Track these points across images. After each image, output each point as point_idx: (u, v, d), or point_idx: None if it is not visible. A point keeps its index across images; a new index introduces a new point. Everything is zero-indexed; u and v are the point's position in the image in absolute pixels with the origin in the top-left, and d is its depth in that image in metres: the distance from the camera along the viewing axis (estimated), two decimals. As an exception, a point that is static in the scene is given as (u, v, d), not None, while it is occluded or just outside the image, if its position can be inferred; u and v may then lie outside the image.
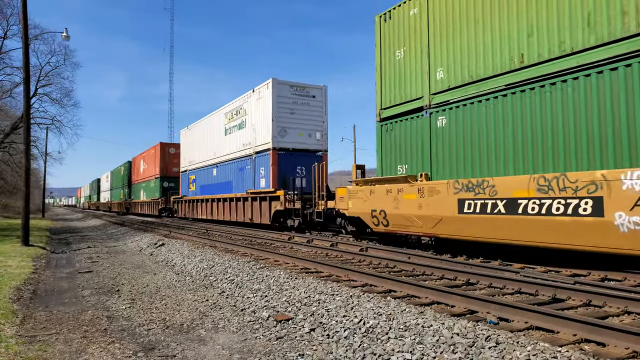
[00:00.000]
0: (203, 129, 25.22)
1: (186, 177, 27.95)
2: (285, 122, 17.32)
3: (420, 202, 9.63)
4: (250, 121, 19.07)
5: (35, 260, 10.85)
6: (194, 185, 26.28)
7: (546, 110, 7.62)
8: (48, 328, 5.23)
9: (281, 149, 17.26)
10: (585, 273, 7.12)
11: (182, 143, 29.26)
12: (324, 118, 18.28)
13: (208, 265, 9.04)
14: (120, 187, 47.84)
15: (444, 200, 9.04)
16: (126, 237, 17.77)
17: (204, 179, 24.62)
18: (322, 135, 18.15)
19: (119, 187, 48.36)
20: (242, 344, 4.64)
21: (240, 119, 20.20)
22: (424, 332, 4.22)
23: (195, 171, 26.16)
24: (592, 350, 3.79)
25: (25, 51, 14.26)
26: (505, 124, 8.29)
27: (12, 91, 31.00)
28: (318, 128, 18.04)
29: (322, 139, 18.21)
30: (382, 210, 10.67)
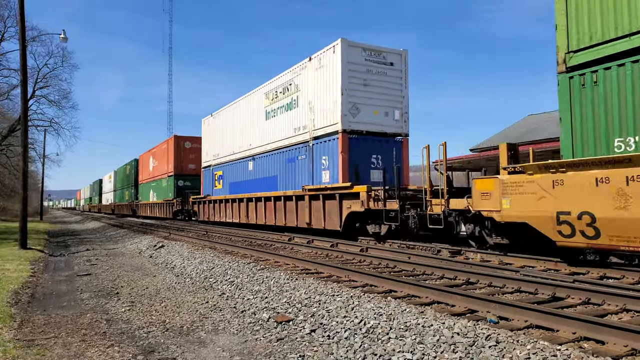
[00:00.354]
0: (233, 116, 21.46)
1: (209, 173, 24.06)
2: (357, 96, 13.42)
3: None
4: (305, 98, 15.12)
5: (33, 263, 10.81)
6: (220, 182, 22.53)
7: None
8: (46, 332, 5.21)
9: (353, 132, 13.37)
10: (584, 271, 7.14)
11: (204, 134, 25.19)
12: (404, 92, 14.29)
13: (208, 267, 9.03)
14: (125, 187, 45.04)
15: None
16: (125, 240, 17.73)
17: (234, 175, 20.92)
18: (401, 114, 14.20)
19: (124, 188, 45.50)
20: (243, 345, 4.63)
21: (290, 97, 16.17)
22: (425, 331, 4.22)
23: (222, 166, 22.31)
24: (591, 348, 3.79)
25: (22, 53, 14.22)
26: None
27: (9, 93, 30.94)
28: (397, 105, 14.13)
29: (401, 119, 14.22)
30: (583, 212, 6.78)
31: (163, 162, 31.51)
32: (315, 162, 14.61)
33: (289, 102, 16.28)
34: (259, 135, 18.58)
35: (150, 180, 35.27)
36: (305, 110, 15.21)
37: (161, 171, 31.98)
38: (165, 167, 30.76)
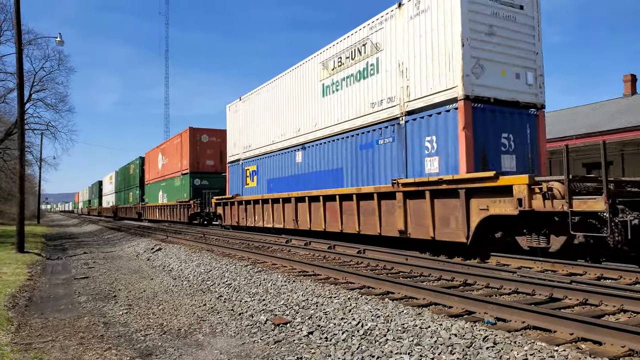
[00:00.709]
0: (271, 97, 16.99)
1: (238, 169, 19.94)
2: (481, 49, 9.52)
3: None
4: (391, 60, 11.12)
5: (30, 267, 10.77)
6: (254, 179, 18.48)
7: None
8: (44, 335, 5.20)
9: (477, 100, 9.34)
10: (582, 272, 7.16)
11: (230, 124, 20.92)
12: (537, 46, 10.36)
13: (205, 270, 9.01)
14: (129, 188, 41.38)
15: None
16: (122, 242, 17.68)
17: (274, 170, 16.77)
18: (535, 76, 10.30)
19: (128, 189, 41.82)
20: (240, 348, 4.62)
21: (363, 61, 12.11)
22: (422, 333, 4.22)
23: (257, 160, 18.20)
24: (588, 349, 3.80)
25: (18, 56, 14.21)
26: None
27: (5, 97, 30.88)
28: (529, 64, 10.21)
29: (535, 83, 10.29)
30: None
31: (175, 158, 28.11)
32: (411, 147, 10.47)
33: (363, 69, 12.17)
34: (312, 118, 14.31)
35: (160, 179, 31.80)
36: (391, 76, 11.13)
37: (173, 169, 28.46)
38: (179, 164, 27.31)
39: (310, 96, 14.60)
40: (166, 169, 30.39)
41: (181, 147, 27.09)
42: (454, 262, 8.36)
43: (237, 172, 20.19)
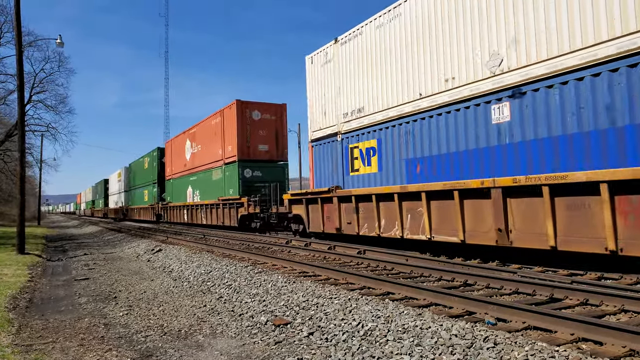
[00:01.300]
0: (414, 22, 10.18)
1: (334, 149, 13.15)
2: None
3: None
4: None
5: (31, 268, 10.78)
6: (371, 161, 11.62)
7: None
8: (44, 337, 5.20)
9: None
10: (582, 272, 7.15)
11: (314, 82, 14.18)
12: None
13: (205, 271, 9.01)
14: (143, 186, 35.47)
15: None
16: (123, 244, 17.69)
17: (430, 142, 9.78)
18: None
19: (142, 187, 35.73)
20: (241, 349, 4.62)
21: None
22: (423, 334, 4.22)
23: (380, 130, 11.33)
24: (589, 349, 3.80)
25: (19, 58, 14.22)
26: None
27: (6, 98, 30.93)
28: None
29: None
30: None
31: (214, 144, 22.02)
32: None
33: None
34: (533, 35, 7.65)
35: (188, 173, 25.65)
36: None
37: (210, 158, 22.46)
38: (219, 151, 21.28)
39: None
40: (198, 158, 24.09)
41: (222, 129, 20.82)
42: (454, 263, 8.36)
43: (330, 153, 13.34)
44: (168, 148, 30.46)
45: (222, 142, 21.01)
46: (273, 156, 20.36)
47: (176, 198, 28.05)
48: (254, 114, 20.05)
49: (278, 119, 20.53)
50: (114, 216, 47.20)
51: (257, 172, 19.70)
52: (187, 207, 25.80)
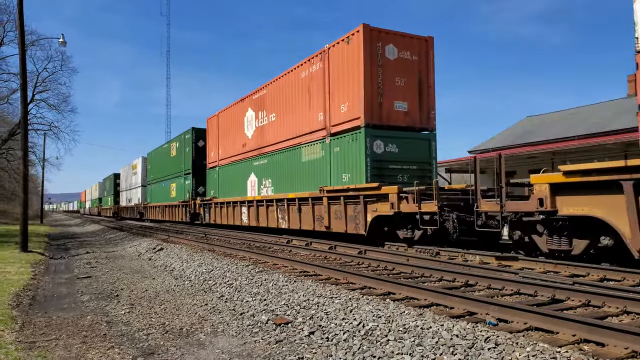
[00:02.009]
0: None
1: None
2: None
3: None
4: None
5: (34, 266, 10.82)
6: None
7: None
8: (47, 334, 5.22)
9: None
10: (584, 273, 7.14)
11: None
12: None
13: (207, 270, 9.03)
14: (169, 178, 28.55)
15: None
16: (125, 242, 17.73)
17: None
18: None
19: (168, 179, 28.78)
20: (242, 347, 4.63)
21: None
22: (423, 334, 4.22)
23: None
24: (591, 351, 3.79)
25: (22, 57, 14.27)
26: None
27: (9, 97, 31.05)
28: None
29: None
30: None
31: (302, 107, 14.41)
32: None
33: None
34: None
35: (250, 155, 18.17)
36: None
37: (295, 129, 14.83)
38: (318, 117, 13.58)
39: None
40: (271, 133, 16.52)
41: (326, 80, 13.08)
42: (455, 263, 8.35)
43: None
44: (212, 126, 22.54)
45: (326, 101, 12.91)
46: (415, 121, 12.32)
47: (226, 192, 20.46)
48: (389, 51, 12.16)
49: (422, 60, 12.60)
50: (128, 215, 40.80)
51: (391, 146, 11.89)
52: (247, 203, 17.65)
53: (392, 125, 12.13)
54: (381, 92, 11.94)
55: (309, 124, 14.16)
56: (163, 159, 30.51)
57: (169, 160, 29.03)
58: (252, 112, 18.41)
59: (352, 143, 12.11)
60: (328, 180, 13.15)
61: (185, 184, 25.66)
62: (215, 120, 22.32)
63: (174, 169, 27.90)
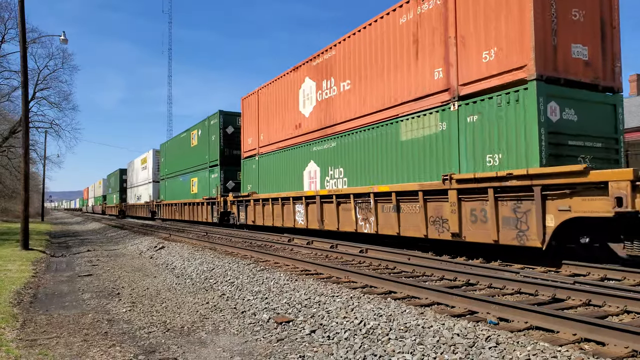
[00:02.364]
0: None
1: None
2: None
3: None
4: None
5: (35, 264, 10.84)
6: None
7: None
8: (48, 332, 5.23)
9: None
10: (585, 273, 7.14)
11: None
12: None
13: (208, 268, 9.04)
14: (188, 172, 25.11)
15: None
16: (126, 240, 17.76)
17: None
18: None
19: (187, 173, 25.35)
20: (243, 346, 4.64)
21: None
22: (425, 332, 4.23)
23: None
24: (592, 350, 3.80)
25: (23, 55, 14.27)
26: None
27: (10, 95, 31.05)
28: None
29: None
30: None
31: (398, 62, 10.61)
32: None
33: None
34: None
35: (308, 139, 14.28)
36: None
37: (386, 98, 10.96)
38: (433, 74, 9.62)
39: None
40: (342, 107, 12.66)
41: (450, 18, 9.26)
42: (456, 262, 8.36)
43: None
44: (249, 107, 18.31)
45: (451, 51, 9.24)
46: (598, 75, 8.59)
47: (269, 186, 16.62)
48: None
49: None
50: (137, 214, 37.62)
51: (568, 112, 8.16)
52: (305, 200, 13.78)
53: (570, 79, 8.17)
54: (555, 28, 8.09)
55: (415, 87, 10.13)
56: (181, 151, 26.79)
57: (188, 151, 25.35)
58: (311, 82, 13.98)
59: (507, 107, 8.13)
60: (452, 165, 9.11)
61: (210, 178, 21.95)
62: (253, 99, 18.07)
63: (195, 161, 24.23)
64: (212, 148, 22.03)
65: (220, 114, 21.37)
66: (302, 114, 14.62)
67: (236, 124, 21.40)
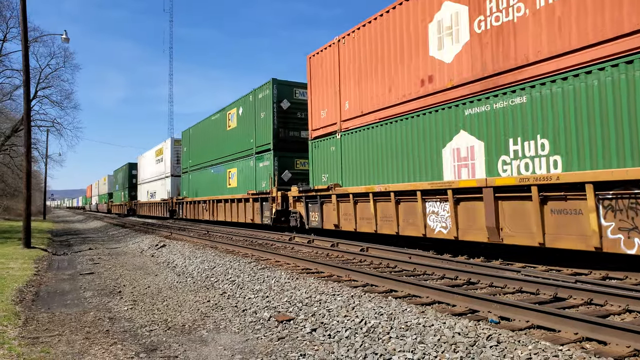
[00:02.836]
0: None
1: None
2: None
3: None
4: None
5: (37, 262, 10.87)
6: None
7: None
8: (50, 329, 5.25)
9: None
10: (587, 272, 7.13)
11: None
12: None
13: (209, 266, 9.06)
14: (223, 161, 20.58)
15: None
16: (127, 239, 17.79)
17: None
18: None
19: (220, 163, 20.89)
20: (244, 344, 4.65)
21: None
22: (425, 331, 4.22)
23: None
24: (593, 349, 3.79)
25: (25, 54, 14.29)
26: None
27: (12, 94, 31.12)
28: None
29: None
30: None
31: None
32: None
33: None
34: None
35: (458, 97, 8.90)
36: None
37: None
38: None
39: None
40: (541, 34, 7.44)
41: None
42: (457, 261, 8.35)
43: None
44: (321, 67, 13.49)
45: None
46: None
47: (360, 176, 11.72)
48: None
49: None
50: (151, 214, 32.65)
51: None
52: (453, 194, 8.87)
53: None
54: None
55: None
56: (212, 136, 21.90)
57: (223, 136, 20.59)
58: (457, 7, 9.07)
59: None
60: None
61: (258, 167, 17.30)
62: (329, 55, 13.08)
63: (233, 148, 19.41)
64: (262, 129, 17.02)
65: (274, 83, 16.34)
66: (438, 60, 9.45)
67: (292, 97, 16.56)
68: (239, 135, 19.10)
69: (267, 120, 16.64)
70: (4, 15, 27.56)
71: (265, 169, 16.75)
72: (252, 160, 17.89)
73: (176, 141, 28.44)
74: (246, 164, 18.39)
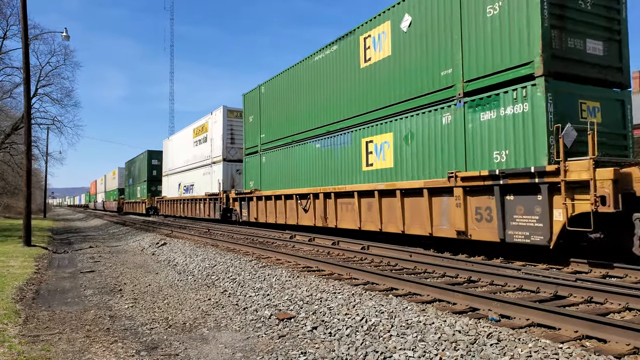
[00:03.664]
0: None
1: None
2: None
3: None
4: None
5: (37, 260, 10.88)
6: None
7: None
8: (51, 328, 5.26)
9: None
10: (587, 270, 7.13)
11: None
12: None
13: (210, 265, 9.06)
14: (343, 127, 11.92)
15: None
16: (128, 237, 17.80)
17: None
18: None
19: (349, 127, 11.69)
20: (245, 342, 4.66)
21: None
22: (426, 329, 4.23)
23: None
24: (593, 347, 3.80)
25: (25, 51, 14.27)
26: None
27: (12, 91, 31.07)
28: None
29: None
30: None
31: None
32: None
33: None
34: None
35: None
36: None
37: None
38: None
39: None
40: None
41: None
42: (458, 259, 8.36)
43: None
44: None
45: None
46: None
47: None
48: None
49: None
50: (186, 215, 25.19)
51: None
52: None
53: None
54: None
55: None
56: (321, 86, 13.32)
57: (351, 80, 11.96)
58: None
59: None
60: None
61: (482, 121, 8.25)
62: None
63: (386, 94, 10.69)
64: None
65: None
66: None
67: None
68: (404, 68, 10.15)
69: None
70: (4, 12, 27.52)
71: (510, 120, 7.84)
72: (442, 112, 9.08)
73: (230, 111, 20.41)
74: (426, 120, 9.49)
